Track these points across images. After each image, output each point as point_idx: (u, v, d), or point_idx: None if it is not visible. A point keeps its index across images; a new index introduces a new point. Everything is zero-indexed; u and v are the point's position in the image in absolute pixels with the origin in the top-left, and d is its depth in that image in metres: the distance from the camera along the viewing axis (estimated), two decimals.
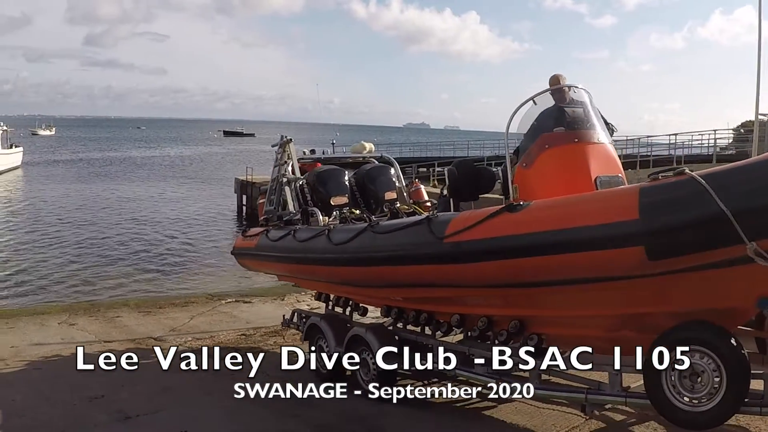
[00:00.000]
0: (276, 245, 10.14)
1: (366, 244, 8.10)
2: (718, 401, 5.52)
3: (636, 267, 5.64)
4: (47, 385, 9.53)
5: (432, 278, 7.41)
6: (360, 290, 9.31)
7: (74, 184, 54.15)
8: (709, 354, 5.53)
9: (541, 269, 6.23)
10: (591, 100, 7.51)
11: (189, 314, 14.44)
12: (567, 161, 7.04)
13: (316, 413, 8.16)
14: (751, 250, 5.08)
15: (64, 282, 21.06)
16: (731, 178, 5.24)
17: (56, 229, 31.63)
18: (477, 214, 6.86)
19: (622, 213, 5.55)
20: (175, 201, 45.13)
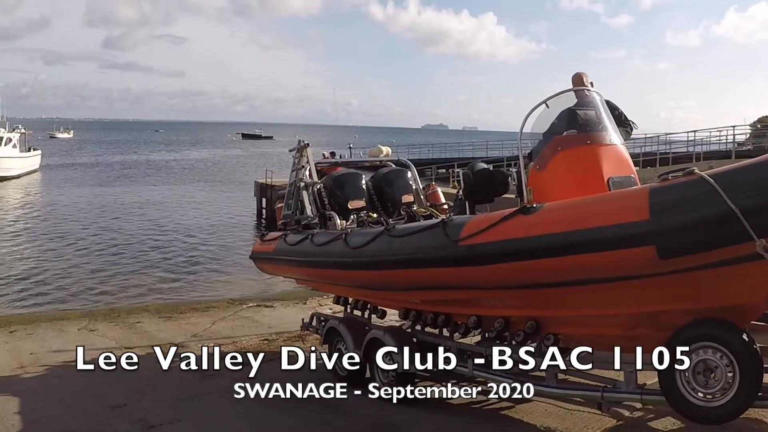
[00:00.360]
0: (294, 249, 10.19)
1: (382, 247, 8.16)
2: (732, 396, 5.60)
3: (648, 266, 5.75)
4: (68, 393, 9.45)
5: (448, 281, 7.52)
6: (377, 293, 9.45)
7: (93, 188, 54.28)
8: (722, 350, 5.62)
9: (555, 270, 6.32)
10: (603, 102, 7.65)
11: (210, 319, 14.39)
12: (579, 163, 7.18)
13: (348, 421, 8.11)
14: (760, 247, 5.19)
15: (83, 287, 20.95)
16: (740, 177, 5.32)
17: (75, 234, 31.50)
18: (491, 216, 6.97)
19: (633, 213, 5.65)
20: (194, 204, 45.09)
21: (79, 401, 9.07)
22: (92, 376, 9.98)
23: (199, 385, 9.63)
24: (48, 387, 9.76)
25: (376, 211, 10.55)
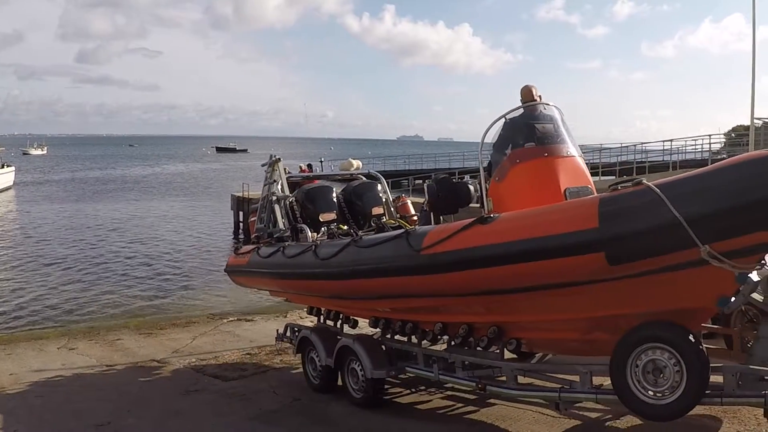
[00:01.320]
0: (266, 262, 10.41)
1: (350, 258, 8.44)
2: (680, 394, 5.91)
3: (598, 272, 6.07)
4: (50, 413, 9.39)
5: (412, 289, 7.81)
6: (347, 302, 9.75)
7: (68, 204, 53.83)
8: (670, 350, 5.93)
9: (511, 277, 6.59)
10: (562, 116, 7.97)
11: (191, 335, 14.38)
12: (537, 175, 7.45)
13: (334, 431, 8.24)
14: (705, 253, 5.49)
15: (62, 305, 20.74)
16: (685, 186, 5.67)
17: (52, 251, 31.16)
18: (451, 226, 7.30)
19: (583, 222, 5.94)
20: (171, 219, 44.87)
21: (62, 421, 8.99)
22: (74, 395, 9.98)
23: (182, 401, 9.66)
24: (29, 407, 9.65)
25: (347, 223, 10.80)
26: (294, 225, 10.71)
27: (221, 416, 8.91)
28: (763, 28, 58.72)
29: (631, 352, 6.14)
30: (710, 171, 5.67)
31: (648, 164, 38.24)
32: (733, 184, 5.37)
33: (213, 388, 10.30)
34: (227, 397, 9.74)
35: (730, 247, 5.51)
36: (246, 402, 9.43)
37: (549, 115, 7.93)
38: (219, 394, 9.94)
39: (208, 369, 11.43)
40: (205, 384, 10.52)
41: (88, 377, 11.19)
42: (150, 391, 10.28)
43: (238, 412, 9.01)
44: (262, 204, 11.66)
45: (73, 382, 10.89)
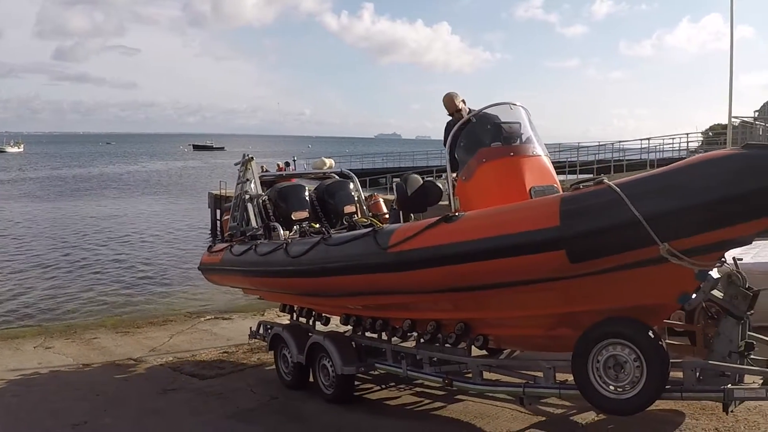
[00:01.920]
0: (239, 260, 10.52)
1: (319, 255, 8.56)
2: (640, 389, 6.05)
3: (559, 269, 6.21)
4: (27, 412, 9.36)
5: (379, 286, 7.94)
6: (317, 300, 9.82)
7: (45, 202, 53.52)
8: (630, 346, 6.07)
9: (475, 274, 6.75)
10: (529, 116, 8.08)
11: (168, 333, 14.38)
12: (503, 174, 7.53)
13: (309, 429, 8.24)
14: (664, 250, 5.65)
15: (38, 304, 20.61)
16: (644, 185, 5.81)
17: (28, 250, 31.04)
18: (417, 225, 7.47)
19: (544, 220, 6.08)
20: (149, 217, 44.75)
21: (39, 420, 8.95)
22: (50, 394, 9.96)
23: (160, 400, 9.67)
24: (6, 406, 9.61)
25: (320, 221, 10.87)
26: (267, 223, 10.80)
27: (198, 415, 8.89)
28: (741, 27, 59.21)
29: (593, 347, 6.27)
30: (670, 170, 5.83)
31: (626, 162, 38.39)
32: (692, 183, 5.54)
33: (190, 386, 10.28)
34: (204, 395, 9.73)
35: (690, 245, 5.69)
36: (223, 400, 9.43)
37: (516, 115, 8.06)
38: (196, 392, 9.93)
39: (186, 367, 11.41)
40: (183, 383, 10.50)
41: (64, 376, 11.12)
42: (127, 389, 10.26)
43: (216, 411, 9.01)
44: (235, 203, 11.75)
45: (50, 381, 10.83)
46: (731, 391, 6.12)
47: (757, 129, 26.63)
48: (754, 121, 29.20)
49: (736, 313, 6.44)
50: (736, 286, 6.46)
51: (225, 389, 9.99)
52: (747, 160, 5.40)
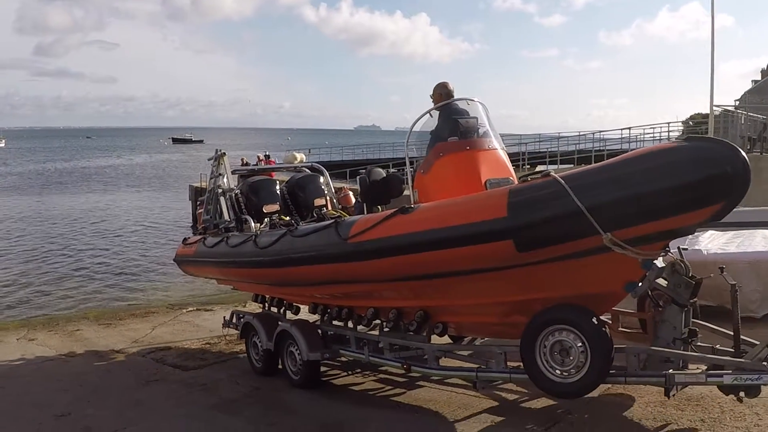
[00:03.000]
0: (212, 251, 10.87)
1: (285, 246, 8.87)
2: (585, 373, 6.34)
3: (507, 258, 6.46)
4: (10, 404, 9.39)
5: (341, 275, 8.27)
6: (285, 289, 10.20)
7: (26, 196, 53.21)
8: (575, 332, 6.35)
9: (430, 263, 7.03)
10: (486, 110, 8.34)
11: (150, 325, 14.40)
12: (459, 167, 7.78)
13: (293, 421, 8.22)
14: (607, 240, 5.91)
15: (21, 296, 20.63)
16: (588, 177, 6.09)
17: (10, 243, 30.97)
18: (376, 216, 7.79)
19: (492, 211, 6.35)
20: (130, 210, 44.65)
21: (22, 411, 8.97)
22: (33, 385, 9.97)
23: (141, 391, 9.71)
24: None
25: (290, 214, 11.16)
26: (238, 216, 11.11)
27: (182, 406, 8.94)
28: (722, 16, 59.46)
29: (539, 333, 6.55)
30: (614, 163, 6.12)
31: (606, 152, 38.42)
32: (635, 175, 5.78)
33: (173, 377, 10.36)
34: (187, 386, 9.79)
35: (633, 234, 5.94)
36: (206, 391, 9.48)
37: (473, 110, 8.25)
38: (179, 383, 9.99)
39: (168, 359, 11.46)
40: (165, 374, 10.56)
41: (47, 368, 11.18)
42: (109, 381, 10.27)
43: (199, 402, 9.06)
44: (208, 196, 12.02)
45: (33, 372, 10.83)
46: (672, 376, 6.39)
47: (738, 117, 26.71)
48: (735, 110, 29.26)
49: (679, 300, 6.68)
50: (679, 275, 6.67)
51: (208, 380, 10.02)
52: (688, 153, 5.68)
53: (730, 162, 5.56)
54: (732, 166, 5.55)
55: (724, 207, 5.75)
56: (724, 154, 5.60)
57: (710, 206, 5.73)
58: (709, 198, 5.68)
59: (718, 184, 5.58)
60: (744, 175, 5.60)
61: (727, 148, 5.64)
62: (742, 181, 5.62)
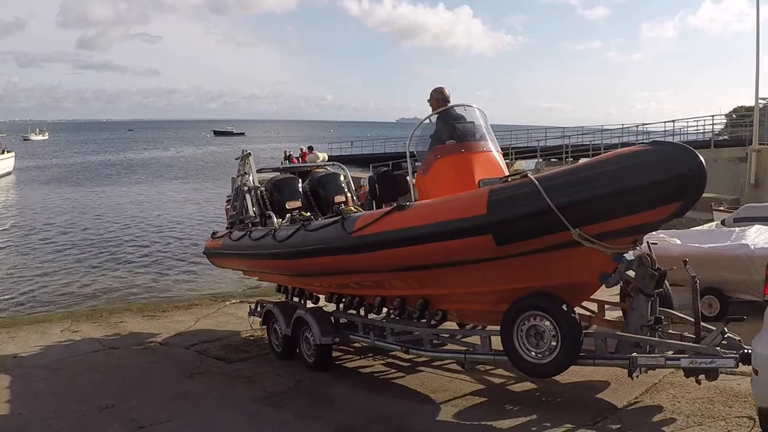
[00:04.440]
0: (236, 244, 11.66)
1: (299, 240, 9.63)
2: (556, 355, 7.09)
3: (488, 251, 7.18)
4: (54, 396, 9.44)
5: (346, 266, 9.08)
6: (301, 279, 11.05)
7: (70, 189, 53.57)
8: (547, 317, 7.08)
9: (422, 255, 7.80)
10: (482, 115, 9.06)
11: (194, 317, 14.43)
12: (455, 168, 8.47)
13: (339, 414, 8.22)
14: (575, 235, 6.63)
15: (65, 288, 20.82)
16: (560, 178, 6.79)
17: (54, 236, 31.57)
18: (376, 213, 8.65)
19: (475, 209, 7.09)
20: (172, 202, 44.88)
21: (66, 404, 9.00)
22: (77, 377, 9.97)
23: (186, 383, 9.74)
24: (34, 390, 9.73)
25: (312, 210, 11.66)
26: (263, 212, 11.78)
27: (226, 398, 8.95)
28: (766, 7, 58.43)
29: (516, 318, 7.28)
30: (584, 165, 6.95)
31: None
32: (603, 176, 6.48)
33: (217, 370, 10.40)
34: (231, 379, 9.82)
35: (600, 230, 6.64)
36: (250, 384, 9.52)
37: (470, 115, 8.98)
38: (223, 376, 10.03)
39: (212, 351, 11.53)
40: (209, 366, 10.63)
41: (91, 360, 11.25)
42: (153, 373, 10.34)
43: (243, 395, 9.09)
44: (235, 194, 12.86)
45: (77, 364, 10.95)
46: (635, 359, 7.01)
47: None
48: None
49: (645, 291, 7.33)
50: (645, 267, 7.28)
51: (251, 373, 10.04)
52: (650, 156, 6.35)
53: (687, 165, 6.23)
54: (689, 169, 6.22)
55: (682, 206, 6.42)
56: (682, 157, 6.26)
57: (669, 205, 6.40)
58: (669, 197, 6.34)
59: (676, 184, 6.24)
60: (699, 177, 6.27)
61: (685, 152, 6.28)
62: (698, 182, 6.29)
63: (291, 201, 11.77)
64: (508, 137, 56.42)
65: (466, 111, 9.02)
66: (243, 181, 12.48)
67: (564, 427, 7.26)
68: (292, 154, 41.94)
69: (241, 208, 12.30)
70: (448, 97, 9.17)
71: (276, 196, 11.91)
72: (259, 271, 12.34)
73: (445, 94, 9.18)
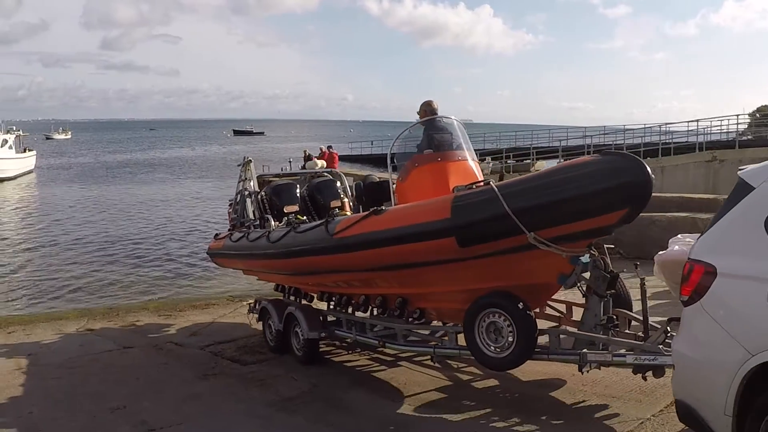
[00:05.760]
0: (235, 245, 12.27)
1: (289, 241, 10.20)
2: (512, 349, 7.47)
3: (452, 252, 7.66)
4: (66, 396, 9.36)
5: (329, 265, 9.65)
6: (292, 278, 11.60)
7: (89, 187, 53.96)
8: (504, 314, 7.48)
9: (394, 256, 8.34)
10: (460, 127, 9.75)
11: (210, 317, 14.38)
12: (431, 176, 9.07)
13: (351, 420, 8.09)
14: (531, 238, 7.10)
15: (82, 286, 20.71)
16: (518, 186, 7.35)
17: (72, 233, 31.09)
18: (355, 216, 9.26)
19: (440, 213, 7.60)
20: (191, 201, 45.00)
21: (77, 403, 8.95)
22: (90, 377, 9.88)
23: (199, 385, 9.61)
24: (45, 388, 9.66)
25: (309, 214, 12.24)
26: (262, 215, 12.39)
27: (239, 402, 8.82)
28: None
29: (477, 315, 7.68)
30: (541, 174, 7.51)
31: (673, 145, 37.32)
32: (554, 184, 6.98)
33: (231, 371, 10.28)
34: (245, 381, 9.69)
35: (556, 233, 7.10)
36: (264, 387, 9.37)
37: (447, 126, 9.65)
38: (237, 378, 9.89)
39: (227, 352, 11.42)
40: (223, 367, 10.51)
41: (105, 359, 11.18)
42: (167, 374, 10.17)
43: (256, 398, 8.95)
44: (236, 198, 13.74)
45: (91, 363, 10.81)
46: (585, 354, 7.42)
47: None
48: None
49: (599, 291, 7.61)
50: (599, 269, 7.55)
51: (266, 375, 9.88)
52: (600, 165, 6.81)
53: (634, 174, 6.66)
54: (635, 177, 6.66)
55: (629, 212, 6.90)
56: (628, 167, 6.68)
57: (618, 211, 6.86)
58: (616, 204, 6.80)
59: (623, 192, 6.70)
60: (645, 185, 6.70)
61: (633, 162, 6.70)
62: (644, 190, 6.74)
63: (288, 205, 12.41)
64: (529, 137, 56.17)
65: (445, 122, 9.69)
66: (244, 185, 13.39)
67: (509, 422, 7.67)
68: (311, 154, 41.87)
69: (242, 212, 13.17)
70: (436, 109, 9.84)
71: (275, 200, 12.54)
72: (256, 270, 13.02)
73: (433, 107, 9.85)
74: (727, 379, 5.10)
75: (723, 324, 5.26)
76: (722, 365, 5.17)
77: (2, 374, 10.38)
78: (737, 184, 5.68)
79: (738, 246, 5.40)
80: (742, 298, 5.20)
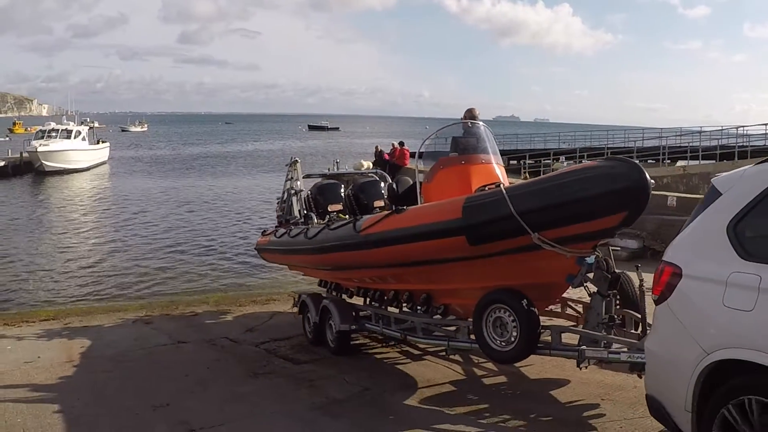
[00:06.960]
0: (279, 241, 12.93)
1: (323, 238, 10.68)
2: (516, 343, 7.78)
3: (463, 250, 8.07)
4: (112, 390, 9.33)
5: (356, 261, 10.19)
6: (328, 273, 12.26)
7: (161, 179, 54.00)
8: (509, 310, 7.79)
9: (413, 252, 8.76)
10: (487, 132, 10.21)
11: (269, 313, 14.25)
12: (455, 177, 9.52)
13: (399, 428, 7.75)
14: (535, 239, 7.38)
15: (145, 278, 20.57)
16: (525, 189, 7.64)
17: (139, 224, 31.76)
18: (380, 215, 9.65)
19: (452, 213, 8.01)
20: (263, 194, 44.87)
21: (121, 398, 8.88)
22: (140, 372, 9.73)
23: (247, 384, 9.41)
24: (93, 383, 9.60)
25: (353, 213, 12.24)
26: (306, 213, 12.87)
27: (284, 404, 8.60)
28: None
29: (484, 311, 8.02)
30: (546, 177, 7.79)
31: (750, 148, 36.16)
32: (559, 188, 7.24)
33: (282, 371, 10.12)
34: (295, 381, 9.50)
35: (561, 234, 7.38)
36: (313, 389, 9.13)
37: (474, 130, 10.14)
38: (287, 378, 9.72)
39: (280, 350, 11.31)
40: (275, 366, 10.39)
41: (157, 353, 11.19)
42: (217, 371, 10.10)
43: (303, 401, 8.69)
44: (283, 196, 14.38)
45: (142, 358, 10.80)
46: (583, 351, 7.73)
47: None
48: None
49: (601, 291, 8.10)
50: (601, 270, 8.06)
51: (317, 376, 9.64)
52: (601, 171, 7.05)
53: (632, 179, 6.90)
54: (633, 182, 6.89)
55: (628, 215, 7.15)
56: (627, 172, 6.93)
57: (617, 214, 7.12)
58: (615, 207, 7.07)
59: (621, 196, 6.97)
60: (643, 190, 6.92)
61: (632, 168, 6.96)
62: (641, 194, 6.97)
63: (333, 204, 12.89)
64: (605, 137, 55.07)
65: (471, 126, 10.20)
66: (291, 185, 14.00)
67: (499, 417, 7.89)
68: (383, 150, 41.58)
69: (288, 209, 13.80)
70: (477, 116, 10.33)
71: (319, 198, 13.14)
72: (298, 265, 13.75)
73: (474, 114, 10.33)
74: (687, 376, 5.33)
75: (685, 323, 5.50)
76: (683, 363, 5.39)
77: (53, 366, 10.38)
78: (708, 190, 5.89)
79: (702, 249, 5.61)
80: (702, 300, 5.39)
